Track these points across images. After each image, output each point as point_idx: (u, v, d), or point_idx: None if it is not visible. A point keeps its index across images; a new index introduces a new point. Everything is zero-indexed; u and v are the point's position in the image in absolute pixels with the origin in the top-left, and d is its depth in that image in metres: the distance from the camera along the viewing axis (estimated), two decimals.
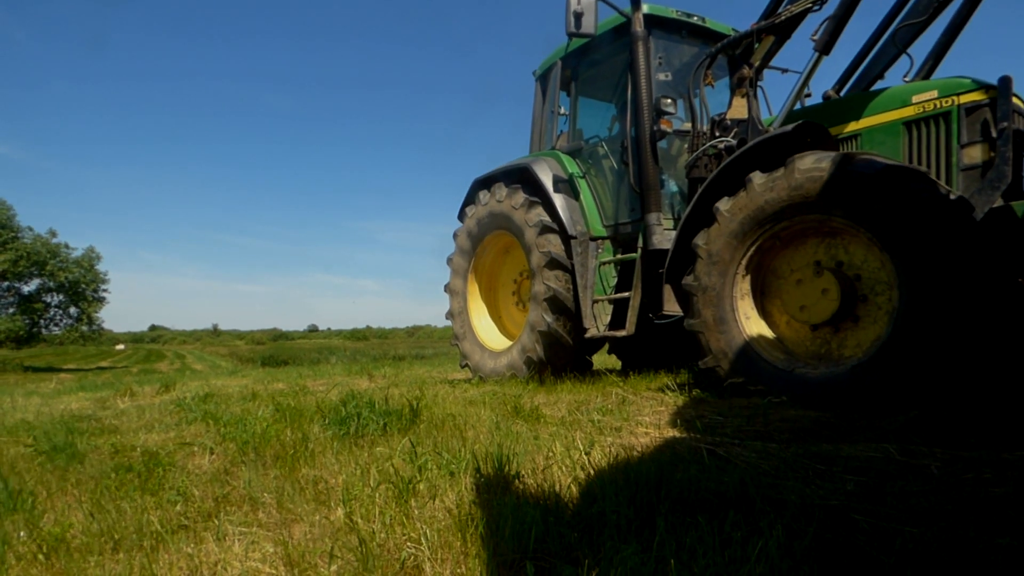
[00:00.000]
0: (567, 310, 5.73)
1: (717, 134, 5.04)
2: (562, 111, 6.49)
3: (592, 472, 2.44)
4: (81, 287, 34.26)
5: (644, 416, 3.96)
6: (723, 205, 4.28)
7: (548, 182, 5.90)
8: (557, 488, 2.27)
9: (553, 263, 5.75)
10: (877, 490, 2.24)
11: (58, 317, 34.87)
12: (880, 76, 5.12)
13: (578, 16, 5.01)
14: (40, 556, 1.96)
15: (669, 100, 5.20)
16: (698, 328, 4.48)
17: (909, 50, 4.89)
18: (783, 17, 4.71)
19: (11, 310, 32.76)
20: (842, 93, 5.31)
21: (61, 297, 34.33)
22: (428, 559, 1.76)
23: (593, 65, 6.24)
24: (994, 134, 3.95)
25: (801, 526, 1.75)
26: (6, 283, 32.40)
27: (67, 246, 33.91)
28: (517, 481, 2.38)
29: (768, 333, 4.35)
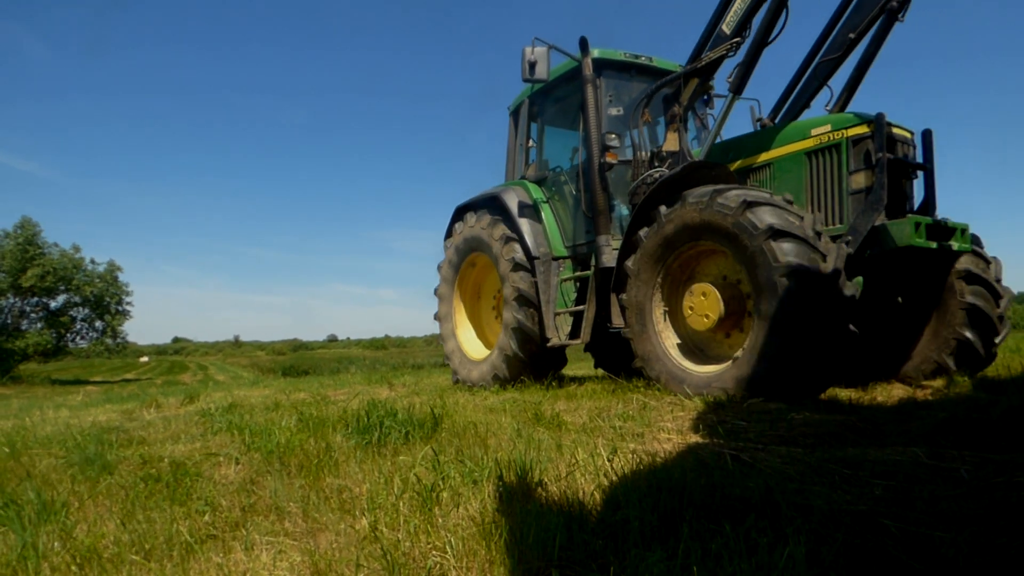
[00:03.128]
0: (533, 304, 6.36)
1: (656, 164, 5.76)
2: (531, 143, 7.20)
3: (615, 479, 2.44)
4: (105, 301, 34.92)
5: (665, 422, 3.94)
6: (643, 233, 5.09)
7: (515, 208, 6.60)
8: (580, 495, 2.27)
9: (517, 266, 6.43)
10: (906, 495, 2.21)
11: (84, 331, 35.55)
12: (807, 106, 5.69)
13: (532, 64, 5.80)
14: (73, 566, 2.00)
15: (614, 135, 5.95)
16: (630, 335, 5.22)
17: (829, 82, 5.53)
18: (704, 62, 5.36)
19: (39, 325, 33.50)
20: (776, 121, 5.87)
21: (87, 311, 35.03)
22: (453, 567, 1.76)
23: (556, 102, 6.97)
24: (874, 163, 4.57)
25: (829, 532, 1.73)
26: (35, 298, 33.15)
27: (92, 261, 34.61)
28: (540, 488, 2.38)
29: (678, 339, 5.17)
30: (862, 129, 4.70)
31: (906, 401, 4.60)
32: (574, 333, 6.16)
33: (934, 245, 4.51)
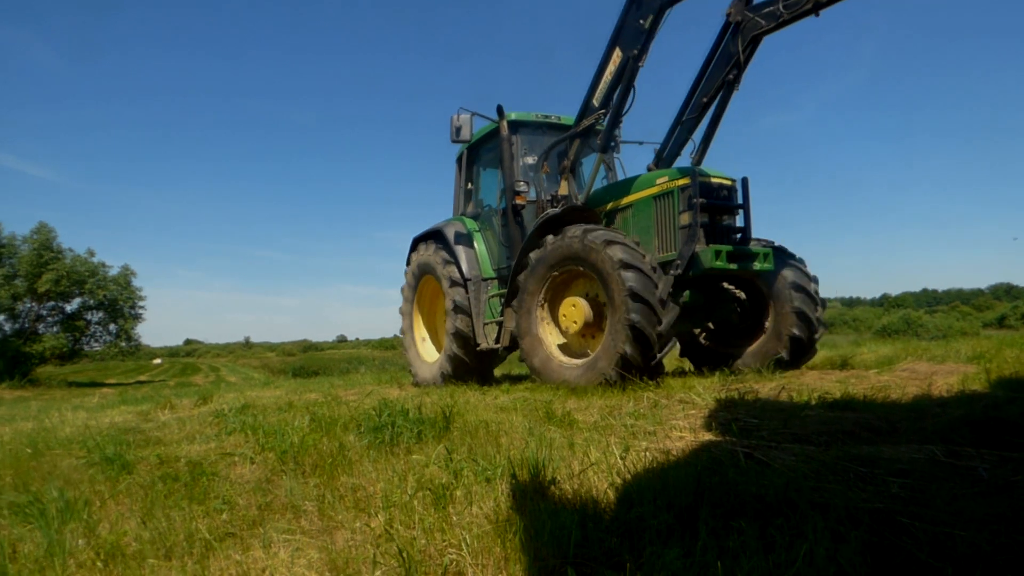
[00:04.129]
0: (468, 314, 7.65)
1: (553, 205, 7.11)
2: (470, 186, 8.72)
3: (628, 477, 2.44)
4: (119, 304, 35.27)
5: (677, 420, 3.93)
6: (532, 255, 6.33)
7: (453, 239, 8.08)
8: (594, 493, 2.27)
9: (454, 284, 7.80)
10: (923, 493, 2.19)
11: (99, 334, 35.93)
12: (678, 154, 6.92)
13: (458, 129, 7.32)
14: (99, 563, 2.03)
15: (523, 183, 7.27)
16: (518, 335, 6.43)
17: (693, 136, 6.72)
18: (581, 128, 6.76)
19: (55, 328, 33.90)
20: (658, 166, 7.01)
21: (101, 314, 35.40)
22: (469, 565, 1.78)
23: (488, 152, 8.38)
24: (692, 205, 5.86)
25: (847, 530, 1.72)
26: (50, 303, 33.56)
27: (104, 265, 34.97)
28: (553, 486, 2.39)
29: (556, 340, 6.39)
30: (685, 180, 6.02)
31: (920, 398, 4.55)
32: (498, 339, 7.46)
33: (734, 267, 5.78)
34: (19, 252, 32.53)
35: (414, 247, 8.92)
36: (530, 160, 7.66)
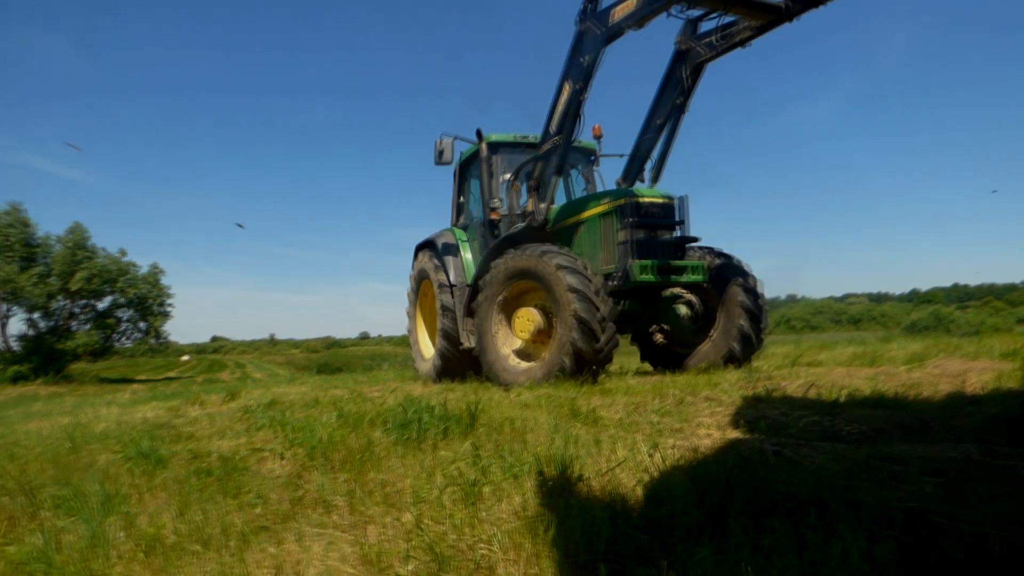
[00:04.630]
0: (454, 315, 8.28)
1: (521, 220, 7.65)
2: (461, 199, 9.39)
3: (656, 474, 2.44)
4: (148, 302, 36.06)
5: (703, 417, 3.91)
6: (493, 265, 6.88)
7: (442, 248, 8.83)
8: (622, 490, 2.28)
9: (443, 288, 8.55)
10: (959, 492, 2.15)
11: (129, 331, 36.78)
12: (641, 170, 7.60)
13: (440, 152, 8.05)
14: (140, 554, 2.09)
15: (497, 200, 8.01)
16: (477, 336, 6.97)
17: (652, 155, 7.45)
18: (543, 151, 7.16)
19: (87, 326, 34.79)
20: (625, 180, 7.74)
21: (131, 312, 36.23)
22: (500, 560, 1.80)
23: (476, 169, 8.81)
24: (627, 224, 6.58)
25: (881, 529, 1.71)
26: (83, 300, 34.43)
27: (134, 264, 35.75)
28: (581, 484, 2.40)
29: (512, 345, 6.94)
30: (623, 201, 6.69)
31: (953, 396, 4.46)
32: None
33: (660, 279, 6.45)
34: (52, 251, 33.42)
35: (416, 254, 9.73)
36: (508, 177, 8.39)
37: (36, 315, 33.22)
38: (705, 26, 6.56)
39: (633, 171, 7.67)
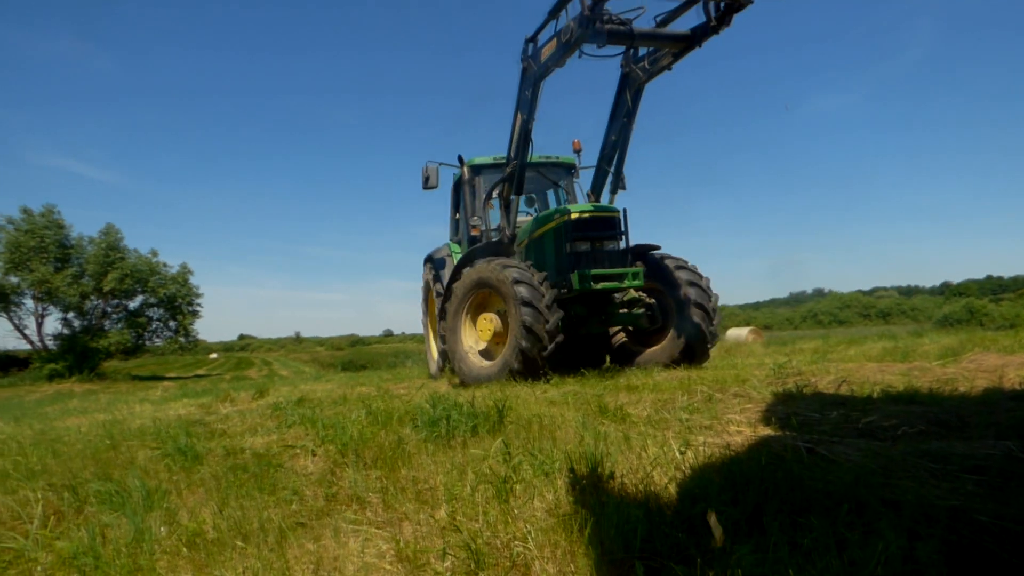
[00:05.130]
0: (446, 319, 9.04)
1: (495, 234, 8.42)
2: (457, 216, 10.04)
3: (688, 472, 2.43)
4: (177, 301, 36.84)
5: (733, 414, 3.87)
6: (464, 273, 7.59)
7: (438, 261, 9.81)
8: (655, 488, 2.27)
9: (438, 295, 9.19)
10: (1001, 490, 2.11)
11: (159, 330, 37.66)
12: (604, 183, 8.12)
13: (426, 178, 8.86)
14: (183, 548, 2.15)
15: (477, 218, 8.87)
16: (446, 337, 7.73)
17: (610, 169, 7.94)
18: (507, 173, 7.67)
19: (120, 324, 35.67)
20: (592, 192, 8.32)
21: (161, 311, 37.07)
22: (536, 557, 1.81)
23: (468, 188, 9.50)
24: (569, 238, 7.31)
25: (922, 528, 1.68)
26: (115, 300, 35.30)
27: (164, 264, 36.54)
28: (612, 481, 2.39)
29: (477, 346, 7.61)
30: (566, 218, 7.33)
31: (991, 392, 4.36)
32: None
33: (596, 287, 6.97)
34: (86, 252, 34.30)
35: (423, 266, 10.76)
36: (494, 194, 9.34)
37: (71, 314, 34.17)
38: (643, 51, 7.05)
39: (598, 184, 8.31)
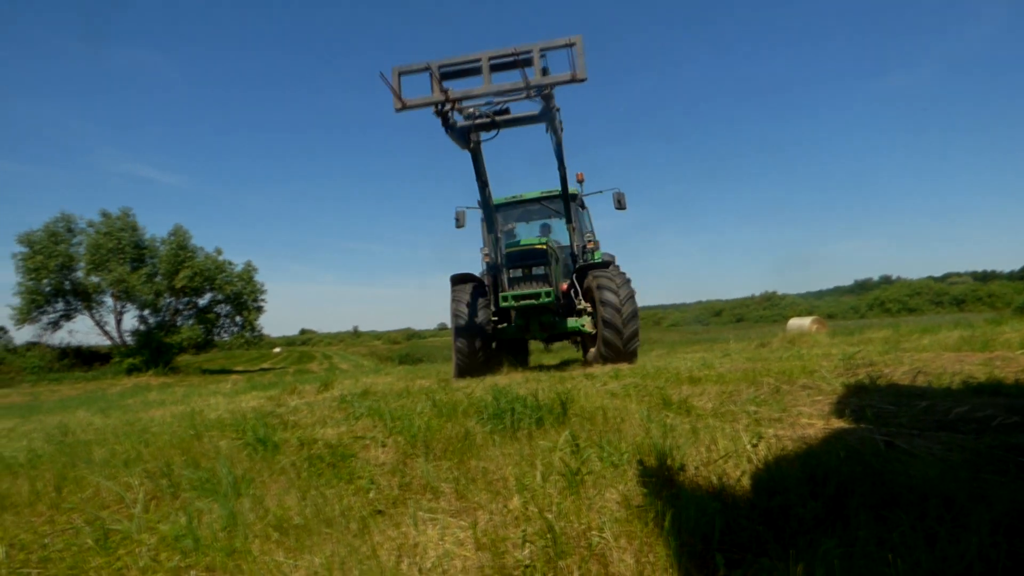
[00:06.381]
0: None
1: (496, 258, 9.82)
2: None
3: (761, 464, 2.40)
4: (243, 298, 38.51)
5: (803, 406, 3.78)
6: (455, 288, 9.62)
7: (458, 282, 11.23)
8: (728, 481, 2.26)
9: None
10: None
11: (227, 325, 39.48)
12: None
13: (457, 219, 10.81)
14: (274, 533, 2.29)
15: (486, 247, 10.02)
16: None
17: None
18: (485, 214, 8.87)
19: (190, 321, 37.60)
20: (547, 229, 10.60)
21: (228, 307, 38.83)
22: (613, 547, 1.84)
23: (483, 224, 10.84)
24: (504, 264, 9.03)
25: (1017, 524, 1.62)
26: (186, 298, 37.20)
27: (230, 262, 38.22)
28: (683, 473, 2.40)
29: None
30: (509, 251, 8.94)
31: None
32: None
33: (516, 303, 8.52)
34: (158, 252, 36.25)
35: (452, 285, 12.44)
36: (507, 227, 11.17)
37: (146, 311, 36.23)
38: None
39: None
